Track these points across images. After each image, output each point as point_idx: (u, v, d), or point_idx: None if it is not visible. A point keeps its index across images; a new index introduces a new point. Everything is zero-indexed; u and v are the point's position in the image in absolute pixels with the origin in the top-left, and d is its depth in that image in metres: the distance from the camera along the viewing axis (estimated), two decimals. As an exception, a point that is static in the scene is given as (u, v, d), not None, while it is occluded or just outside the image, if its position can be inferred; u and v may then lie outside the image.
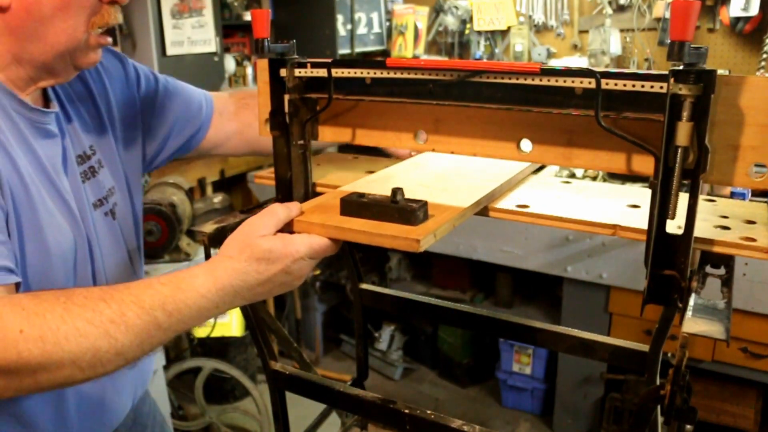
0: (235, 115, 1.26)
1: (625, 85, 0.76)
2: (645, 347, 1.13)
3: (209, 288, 0.78)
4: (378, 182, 1.02)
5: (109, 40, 0.95)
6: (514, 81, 0.82)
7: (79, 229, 0.96)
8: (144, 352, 0.76)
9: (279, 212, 0.85)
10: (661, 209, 0.76)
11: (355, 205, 0.87)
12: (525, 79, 0.81)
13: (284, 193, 1.01)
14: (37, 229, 0.88)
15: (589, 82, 0.77)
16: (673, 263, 0.78)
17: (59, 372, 0.71)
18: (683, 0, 0.68)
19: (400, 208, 0.84)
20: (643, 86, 0.75)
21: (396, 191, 0.85)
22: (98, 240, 1.01)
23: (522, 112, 0.85)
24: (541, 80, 0.79)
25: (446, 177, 1.06)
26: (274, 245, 0.81)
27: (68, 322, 0.71)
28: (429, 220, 0.85)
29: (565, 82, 0.78)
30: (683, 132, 0.72)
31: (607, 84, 0.76)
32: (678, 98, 0.71)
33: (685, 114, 0.71)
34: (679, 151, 0.72)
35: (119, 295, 0.75)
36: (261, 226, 0.83)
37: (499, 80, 0.83)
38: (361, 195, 0.89)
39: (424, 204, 0.85)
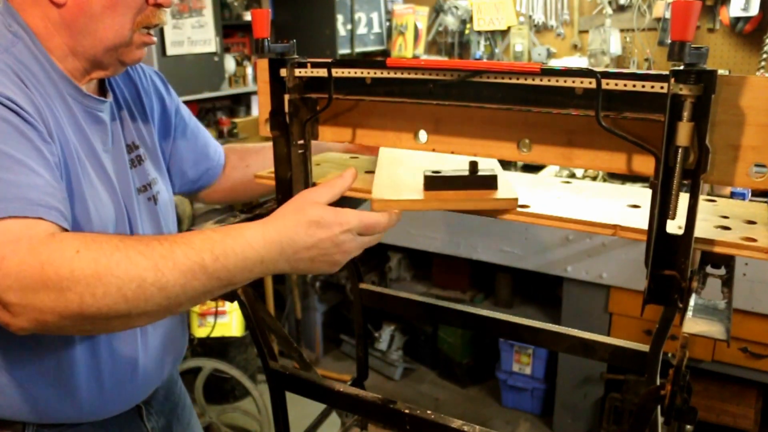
0: (241, 162, 1.34)
1: (625, 85, 0.76)
2: (645, 347, 1.13)
3: (258, 240, 0.80)
4: (389, 167, 1.03)
5: (154, 39, 1.03)
6: (514, 81, 0.82)
7: (120, 208, 1.02)
8: (186, 295, 0.77)
9: (335, 185, 0.90)
10: (662, 209, 0.76)
11: (438, 180, 0.94)
12: (525, 79, 0.81)
13: (284, 193, 1.01)
14: (81, 198, 0.94)
15: (590, 82, 0.77)
16: (673, 263, 0.78)
17: (105, 298, 0.73)
18: (684, 0, 0.68)
19: (482, 177, 0.93)
20: (643, 86, 0.75)
21: (473, 164, 0.94)
22: (140, 222, 1.07)
23: (522, 112, 0.85)
24: (541, 80, 0.80)
25: (448, 159, 1.07)
26: (326, 212, 0.84)
27: (122, 251, 0.75)
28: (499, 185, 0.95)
29: (565, 82, 0.78)
30: (684, 132, 0.72)
31: (607, 84, 0.76)
32: (678, 98, 0.71)
33: (685, 114, 0.71)
34: (680, 151, 0.72)
35: (172, 237, 0.79)
36: (315, 195, 0.88)
37: (499, 80, 0.83)
38: (437, 171, 0.95)
39: (495, 172, 0.94)
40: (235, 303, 1.06)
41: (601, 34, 3.33)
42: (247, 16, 3.42)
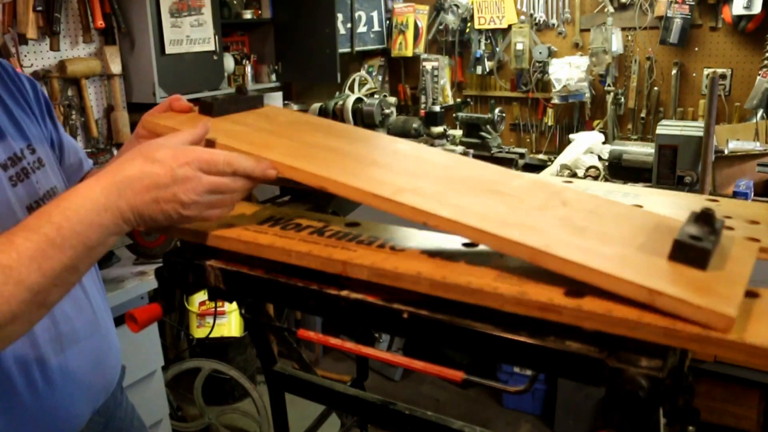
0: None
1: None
2: (647, 348, 1.12)
3: (93, 188, 0.73)
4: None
5: None
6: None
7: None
8: (48, 278, 0.69)
9: (188, 132, 0.80)
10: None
11: None
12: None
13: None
14: None
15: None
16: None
17: None
18: None
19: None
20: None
21: None
22: None
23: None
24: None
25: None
26: (163, 149, 0.75)
27: None
28: None
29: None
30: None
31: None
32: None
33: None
34: None
35: (9, 230, 0.71)
36: (162, 138, 0.79)
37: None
38: None
39: None
40: (234, 303, 1.05)
41: (602, 33, 3.33)
42: (247, 15, 3.41)
